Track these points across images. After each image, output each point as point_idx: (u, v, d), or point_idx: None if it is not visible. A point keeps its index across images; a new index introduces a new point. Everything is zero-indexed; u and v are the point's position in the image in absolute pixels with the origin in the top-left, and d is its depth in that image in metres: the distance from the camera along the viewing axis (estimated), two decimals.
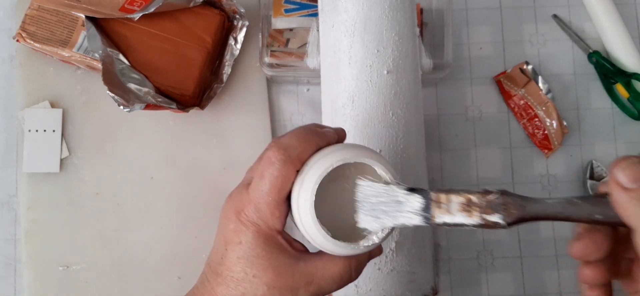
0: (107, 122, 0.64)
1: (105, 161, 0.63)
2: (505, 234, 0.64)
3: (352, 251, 0.33)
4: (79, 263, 0.61)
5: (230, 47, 0.63)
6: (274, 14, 0.63)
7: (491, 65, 0.67)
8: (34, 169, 0.62)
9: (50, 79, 0.64)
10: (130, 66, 0.59)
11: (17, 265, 0.62)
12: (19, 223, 0.63)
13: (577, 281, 0.63)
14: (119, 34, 0.60)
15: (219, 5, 0.63)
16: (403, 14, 0.49)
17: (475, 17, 0.68)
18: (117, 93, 0.55)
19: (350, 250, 0.33)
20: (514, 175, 0.65)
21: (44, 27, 0.60)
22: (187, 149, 0.64)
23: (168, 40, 0.60)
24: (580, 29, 0.68)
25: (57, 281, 0.61)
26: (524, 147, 0.65)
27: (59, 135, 0.63)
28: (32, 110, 0.63)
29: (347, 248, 0.33)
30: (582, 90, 0.67)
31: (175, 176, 0.63)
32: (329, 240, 0.33)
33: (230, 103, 0.64)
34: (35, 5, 0.60)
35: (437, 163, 0.65)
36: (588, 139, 0.65)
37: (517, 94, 0.65)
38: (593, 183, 0.63)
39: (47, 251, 0.61)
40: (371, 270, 0.49)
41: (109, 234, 0.62)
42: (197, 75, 0.60)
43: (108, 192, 0.63)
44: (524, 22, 0.68)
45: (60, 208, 0.62)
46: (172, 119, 0.64)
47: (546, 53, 0.67)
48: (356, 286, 0.50)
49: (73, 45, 0.60)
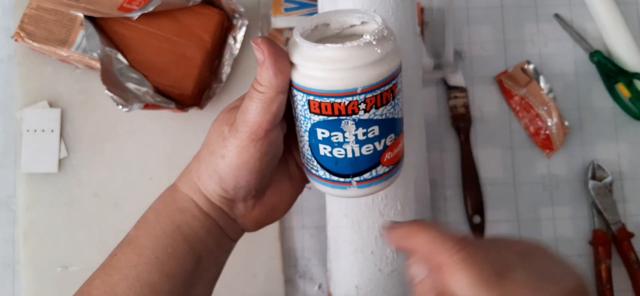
0: (106, 121, 0.63)
1: (103, 161, 0.63)
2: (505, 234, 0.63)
3: (342, 49, 0.32)
4: (77, 263, 0.61)
5: (230, 46, 0.63)
6: (273, 13, 0.63)
7: (492, 64, 0.67)
8: (33, 169, 0.62)
9: (49, 79, 0.64)
10: (129, 66, 0.59)
11: (16, 265, 0.62)
12: (17, 223, 0.62)
13: None
14: (117, 34, 0.60)
15: (219, 5, 0.62)
16: (403, 13, 0.48)
17: (476, 16, 0.68)
18: (116, 92, 0.55)
19: (352, 49, 0.32)
20: (516, 175, 0.65)
21: (42, 27, 0.60)
22: (186, 149, 0.63)
23: (167, 39, 0.60)
24: (582, 29, 0.67)
25: (56, 282, 0.61)
26: (525, 147, 0.65)
27: (58, 135, 0.63)
28: (31, 110, 0.63)
29: (337, 48, 0.32)
30: (583, 90, 0.66)
31: (174, 176, 0.62)
32: (319, 48, 0.32)
33: (229, 103, 0.64)
34: (34, 4, 0.60)
35: (438, 163, 0.65)
36: (590, 139, 0.65)
37: (519, 94, 0.65)
38: (595, 184, 0.63)
39: (46, 251, 0.61)
40: (371, 270, 0.49)
41: (107, 234, 0.62)
42: (196, 75, 0.60)
43: (107, 192, 0.62)
44: (526, 22, 0.68)
45: (58, 208, 0.62)
46: (171, 119, 0.64)
47: (547, 52, 0.67)
48: (356, 287, 0.50)
49: (71, 44, 0.59)
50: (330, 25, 0.36)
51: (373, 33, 0.32)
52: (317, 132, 0.34)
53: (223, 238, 0.38)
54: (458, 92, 0.65)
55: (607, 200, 0.62)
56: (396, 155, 0.36)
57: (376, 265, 0.49)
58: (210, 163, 0.36)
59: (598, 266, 0.61)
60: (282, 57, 0.33)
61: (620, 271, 0.62)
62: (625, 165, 0.65)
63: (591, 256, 0.63)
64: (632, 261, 0.61)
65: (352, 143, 0.34)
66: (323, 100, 0.33)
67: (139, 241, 0.36)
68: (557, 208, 0.64)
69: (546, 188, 0.64)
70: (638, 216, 0.64)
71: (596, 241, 0.62)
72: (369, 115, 0.33)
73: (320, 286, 0.62)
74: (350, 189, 0.36)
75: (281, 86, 0.33)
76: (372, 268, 0.49)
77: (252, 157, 0.34)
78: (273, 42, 0.33)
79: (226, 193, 0.36)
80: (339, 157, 0.35)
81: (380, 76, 0.32)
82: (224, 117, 0.36)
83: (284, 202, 0.40)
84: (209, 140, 0.37)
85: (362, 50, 0.32)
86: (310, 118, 0.34)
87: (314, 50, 0.32)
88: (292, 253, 0.63)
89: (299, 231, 0.63)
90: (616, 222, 0.62)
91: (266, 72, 0.32)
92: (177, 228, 0.36)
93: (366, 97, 0.32)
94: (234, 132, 0.34)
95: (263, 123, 0.33)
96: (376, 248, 0.48)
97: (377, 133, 0.34)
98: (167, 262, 0.35)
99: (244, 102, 0.34)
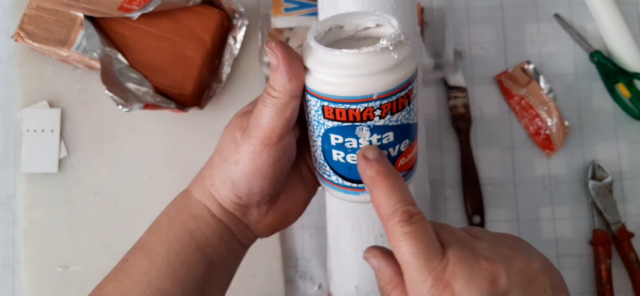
0: (106, 121, 0.63)
1: (103, 161, 0.63)
2: None
3: (358, 55, 0.31)
4: (77, 263, 0.61)
5: (230, 46, 0.63)
6: (273, 13, 0.63)
7: (492, 64, 0.67)
8: (33, 169, 0.62)
9: (49, 79, 0.64)
10: (129, 65, 0.59)
11: (16, 265, 0.62)
12: (17, 223, 0.63)
13: (577, 282, 0.63)
14: (117, 33, 0.60)
15: (219, 5, 0.62)
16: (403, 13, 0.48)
17: (476, 16, 0.68)
18: (116, 92, 0.55)
19: (369, 55, 0.31)
20: (515, 175, 0.65)
21: (42, 27, 0.60)
22: (186, 149, 0.63)
23: (167, 39, 0.60)
24: (582, 29, 0.67)
25: (56, 282, 0.61)
26: (525, 147, 0.65)
27: (58, 135, 0.63)
28: (31, 110, 0.63)
29: (353, 54, 0.31)
30: (583, 90, 0.66)
31: (174, 176, 0.63)
32: (335, 53, 0.31)
33: (229, 103, 0.64)
34: (34, 4, 0.60)
35: (438, 163, 0.65)
36: (590, 139, 0.65)
37: (519, 94, 0.65)
38: (595, 184, 0.63)
39: (46, 251, 0.61)
40: (371, 270, 0.49)
41: (107, 234, 0.62)
42: (196, 75, 0.60)
43: (106, 192, 0.62)
44: (526, 22, 0.68)
45: (58, 208, 0.62)
46: (171, 119, 0.64)
47: (547, 52, 0.67)
48: (356, 286, 0.50)
49: (71, 44, 0.59)
50: (344, 28, 0.35)
51: (389, 37, 0.31)
52: (331, 138, 0.34)
53: (235, 245, 0.38)
54: (458, 92, 0.65)
55: (607, 200, 0.63)
56: (410, 160, 0.36)
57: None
58: (224, 169, 0.35)
59: (598, 266, 0.61)
60: (296, 62, 0.32)
61: (620, 271, 0.62)
62: (625, 165, 0.65)
63: (591, 256, 0.63)
64: (632, 261, 0.61)
65: None
66: (338, 106, 0.32)
67: (151, 247, 0.36)
68: (557, 208, 0.64)
69: (546, 188, 0.64)
70: (638, 216, 0.64)
71: (596, 241, 0.62)
72: (384, 121, 0.32)
73: (320, 286, 0.62)
74: (363, 195, 0.35)
75: (295, 91, 0.32)
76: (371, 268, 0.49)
77: (266, 163, 0.34)
78: (287, 46, 0.33)
79: (240, 200, 0.36)
80: (352, 163, 0.34)
81: (397, 82, 0.32)
82: (236, 122, 0.36)
83: (297, 207, 0.39)
84: (221, 145, 0.36)
85: (378, 56, 0.31)
86: (324, 124, 0.33)
87: (329, 55, 0.31)
88: (292, 253, 0.63)
89: (299, 231, 0.63)
90: (616, 222, 0.62)
91: (280, 77, 0.32)
92: (190, 234, 0.36)
93: (382, 103, 0.32)
94: (247, 137, 0.34)
95: (276, 129, 0.33)
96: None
97: (392, 139, 0.33)
98: (179, 269, 0.35)
99: (256, 107, 0.34)
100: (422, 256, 0.29)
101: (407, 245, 0.29)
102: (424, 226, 0.30)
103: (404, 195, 0.31)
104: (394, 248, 0.30)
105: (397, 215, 0.30)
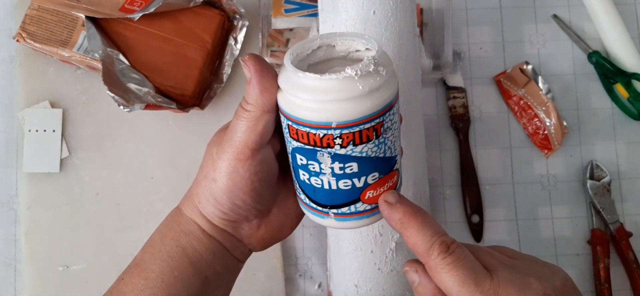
0: (107, 122, 0.64)
1: (105, 161, 0.63)
2: (505, 235, 0.64)
3: (321, 80, 0.30)
4: (78, 263, 0.61)
5: (230, 47, 0.63)
6: (273, 14, 0.63)
7: (491, 65, 0.67)
8: (34, 169, 0.62)
9: (50, 79, 0.64)
10: (130, 66, 0.59)
11: (17, 265, 0.62)
12: (19, 223, 0.63)
13: (576, 281, 0.63)
14: (119, 34, 0.60)
15: (219, 5, 0.63)
16: (403, 13, 0.48)
17: (475, 17, 0.68)
18: (117, 93, 0.55)
19: (330, 81, 0.30)
20: (514, 175, 0.65)
21: (44, 27, 0.60)
22: (187, 149, 0.64)
23: (168, 40, 0.60)
24: (580, 29, 0.68)
25: (57, 281, 0.61)
26: (523, 147, 0.65)
27: (59, 135, 0.63)
28: (32, 110, 0.63)
29: (316, 79, 0.30)
30: (582, 90, 0.67)
31: (175, 176, 0.63)
32: (299, 75, 0.30)
33: (230, 103, 0.64)
34: (35, 5, 0.60)
35: (437, 163, 0.65)
36: (588, 139, 0.65)
37: (517, 94, 0.65)
38: (593, 183, 0.63)
39: (47, 251, 0.61)
40: (371, 269, 0.49)
41: (108, 234, 0.62)
42: (197, 75, 0.60)
43: (108, 191, 0.63)
44: (524, 22, 0.68)
45: (60, 208, 0.62)
46: (172, 119, 0.64)
47: (546, 53, 0.67)
48: (356, 285, 0.50)
49: (73, 45, 0.60)
50: (335, 47, 0.35)
51: (358, 67, 0.30)
52: (297, 158, 0.33)
53: (229, 260, 0.38)
54: (457, 92, 0.66)
55: (606, 199, 0.63)
56: (380, 194, 0.34)
57: (376, 264, 0.49)
58: (205, 187, 0.35)
59: (596, 265, 0.61)
60: (268, 75, 0.32)
61: (619, 270, 0.62)
62: (623, 164, 0.65)
63: (589, 256, 0.63)
64: (630, 261, 0.61)
65: (329, 176, 0.32)
66: (300, 128, 0.31)
67: (145, 265, 0.36)
68: (556, 207, 0.64)
69: (545, 187, 0.65)
70: (636, 215, 0.64)
71: (594, 241, 0.62)
72: (346, 151, 0.31)
73: (320, 285, 0.63)
74: (328, 219, 0.35)
75: (267, 105, 0.32)
76: (371, 267, 0.49)
77: (243, 178, 0.33)
78: (261, 59, 0.32)
79: (226, 216, 0.36)
80: (316, 186, 0.33)
81: (361, 113, 0.30)
82: (215, 139, 0.36)
83: (291, 220, 0.39)
84: (203, 162, 0.36)
85: (341, 84, 0.30)
86: (291, 143, 0.33)
87: (295, 76, 0.31)
88: (292, 252, 0.63)
89: (299, 230, 0.63)
90: (614, 222, 0.62)
91: (253, 90, 0.32)
92: (183, 250, 0.36)
93: (342, 132, 0.31)
94: (221, 153, 0.34)
95: (249, 143, 0.33)
96: (376, 247, 0.49)
97: (356, 170, 0.32)
98: (173, 285, 0.35)
99: (231, 122, 0.34)
100: (472, 282, 0.30)
101: (453, 275, 0.30)
102: (463, 253, 0.31)
103: (436, 228, 0.32)
104: (439, 281, 0.31)
105: (436, 248, 0.31)
